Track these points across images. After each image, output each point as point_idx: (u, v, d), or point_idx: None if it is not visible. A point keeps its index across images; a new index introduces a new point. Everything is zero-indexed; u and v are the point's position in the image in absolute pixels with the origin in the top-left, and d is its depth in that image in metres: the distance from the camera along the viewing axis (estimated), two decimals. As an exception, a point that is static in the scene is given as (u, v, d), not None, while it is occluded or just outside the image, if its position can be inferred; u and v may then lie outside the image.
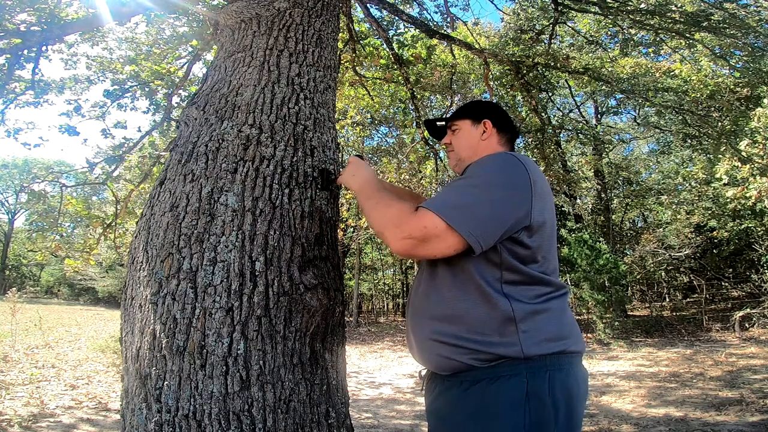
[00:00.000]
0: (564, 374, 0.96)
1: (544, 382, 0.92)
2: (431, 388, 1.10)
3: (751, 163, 6.52)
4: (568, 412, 0.94)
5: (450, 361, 0.98)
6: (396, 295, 21.88)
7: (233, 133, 1.27)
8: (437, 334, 1.01)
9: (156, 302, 1.07)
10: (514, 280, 1.00)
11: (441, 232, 0.96)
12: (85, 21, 3.39)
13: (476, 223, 0.96)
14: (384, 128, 12.02)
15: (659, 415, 3.94)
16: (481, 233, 0.96)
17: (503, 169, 1.03)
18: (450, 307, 1.01)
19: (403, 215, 1.01)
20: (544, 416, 0.91)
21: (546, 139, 6.39)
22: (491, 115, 1.25)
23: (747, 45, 4.76)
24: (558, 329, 0.99)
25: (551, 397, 0.92)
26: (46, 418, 3.77)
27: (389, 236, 1.00)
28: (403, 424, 4.13)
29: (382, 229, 1.03)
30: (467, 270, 1.00)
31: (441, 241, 0.97)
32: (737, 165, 6.98)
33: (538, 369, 0.93)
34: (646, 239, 12.26)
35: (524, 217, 0.99)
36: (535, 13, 6.66)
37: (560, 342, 0.98)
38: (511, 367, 0.93)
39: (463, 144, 1.26)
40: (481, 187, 1.00)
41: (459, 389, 0.97)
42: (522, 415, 0.90)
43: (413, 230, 0.97)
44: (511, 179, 1.01)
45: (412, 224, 0.98)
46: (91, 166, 5.19)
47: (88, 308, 22.35)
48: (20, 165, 33.73)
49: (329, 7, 1.77)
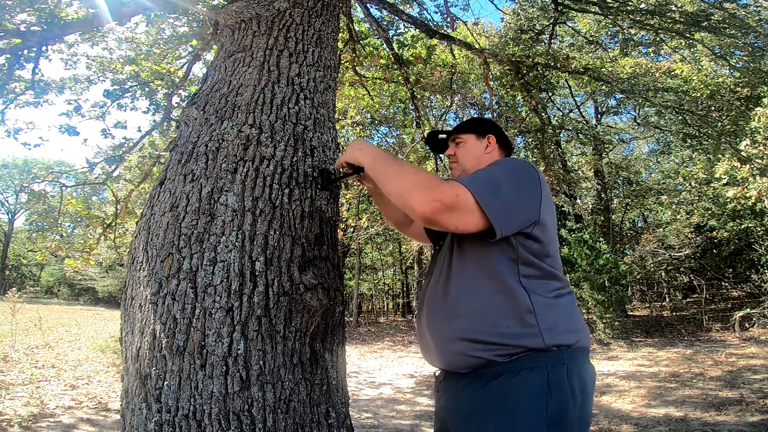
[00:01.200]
0: (579, 366, 1.00)
1: (563, 373, 0.96)
2: (446, 387, 1.10)
3: (751, 163, 6.51)
4: (582, 403, 0.97)
5: (472, 358, 1.00)
6: (396, 295, 21.87)
7: (233, 133, 1.27)
8: (458, 332, 1.02)
9: (156, 302, 1.07)
10: (531, 275, 1.03)
11: (470, 206, 0.97)
12: (85, 21, 3.39)
13: (502, 208, 0.99)
14: (384, 128, 12.02)
15: (659, 415, 3.94)
16: (504, 219, 0.99)
17: (521, 167, 1.09)
18: (471, 305, 1.03)
19: (434, 180, 1.01)
20: (565, 405, 0.94)
21: (546, 139, 6.38)
22: (495, 131, 1.34)
23: (747, 45, 4.76)
24: (572, 323, 1.04)
25: (570, 387, 0.95)
26: (46, 418, 3.77)
27: (416, 197, 0.98)
28: (403, 424, 4.13)
29: (407, 190, 1.01)
30: (488, 266, 1.03)
31: (466, 215, 0.98)
32: (737, 165, 6.98)
33: (557, 361, 0.97)
34: (646, 239, 12.27)
35: (536, 212, 1.04)
36: (535, 13, 6.66)
37: (575, 335, 1.02)
38: (532, 360, 0.96)
39: (468, 156, 1.32)
40: (504, 178, 1.04)
41: (478, 384, 0.99)
42: (545, 405, 0.93)
43: (444, 195, 0.97)
44: (527, 176, 1.07)
45: (443, 189, 0.98)
46: (91, 166, 5.19)
47: (88, 308, 22.35)
48: (20, 165, 33.72)
49: (329, 7, 1.77)
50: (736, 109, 6.86)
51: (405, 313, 19.12)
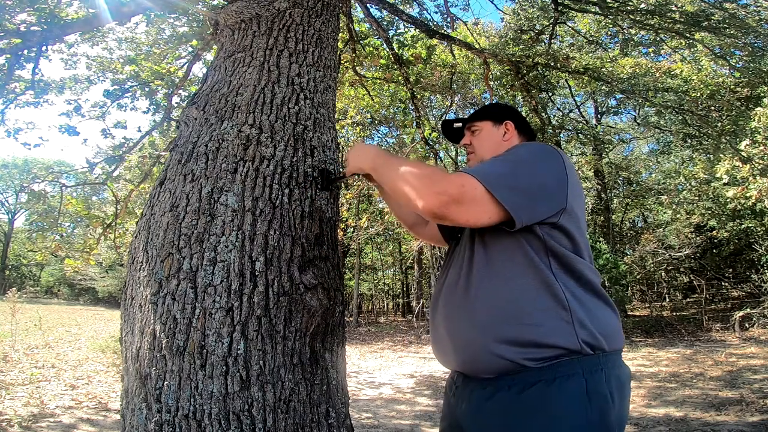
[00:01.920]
0: (617, 370, 0.93)
1: (601, 378, 0.89)
2: (465, 395, 1.01)
3: (751, 163, 6.51)
4: (620, 405, 0.91)
5: (499, 360, 0.91)
6: (396, 295, 21.88)
7: (233, 133, 1.27)
8: (483, 331, 0.94)
9: (156, 302, 1.07)
10: (562, 268, 0.95)
11: (479, 196, 0.90)
12: (85, 21, 3.39)
13: (518, 193, 0.92)
14: (384, 128, 12.01)
15: (659, 415, 3.94)
16: (523, 206, 0.92)
17: (541, 149, 1.01)
18: (497, 300, 0.94)
19: (438, 172, 0.95)
20: (606, 412, 0.87)
21: (546, 139, 6.38)
22: (513, 117, 1.24)
23: (747, 45, 4.76)
24: (607, 323, 0.95)
25: (609, 392, 0.89)
26: (46, 418, 3.77)
27: (421, 192, 0.92)
28: (403, 424, 4.12)
29: (412, 186, 0.94)
30: (514, 259, 0.95)
31: (477, 205, 0.90)
32: (737, 165, 6.98)
33: (594, 366, 0.89)
34: (646, 239, 12.26)
35: (562, 199, 0.96)
36: (535, 13, 6.66)
37: (611, 336, 0.94)
38: (567, 367, 0.88)
39: (485, 144, 1.23)
40: (520, 162, 0.97)
41: (509, 393, 0.90)
42: (585, 415, 0.86)
43: (449, 186, 0.90)
44: (549, 159, 0.99)
45: (448, 180, 0.91)
46: (91, 166, 5.19)
47: (88, 308, 22.36)
48: (20, 165, 33.73)
49: (329, 7, 1.77)
50: (736, 109, 6.86)
51: (405, 313, 19.12)
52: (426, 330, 12.95)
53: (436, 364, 7.72)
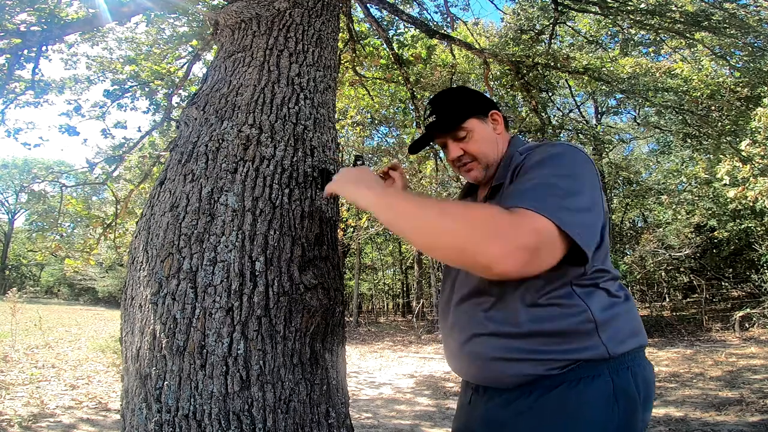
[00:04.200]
0: (642, 369, 0.89)
1: (628, 378, 0.84)
2: (481, 401, 0.96)
3: (751, 163, 6.52)
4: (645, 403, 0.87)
5: (518, 377, 0.86)
6: (396, 295, 21.89)
7: (233, 133, 1.27)
8: (501, 350, 0.87)
9: (156, 302, 1.07)
10: (586, 277, 0.87)
11: (555, 237, 0.74)
12: (85, 21, 3.39)
13: (585, 225, 0.78)
14: (384, 128, 12.00)
15: (659, 415, 3.94)
16: (591, 238, 0.80)
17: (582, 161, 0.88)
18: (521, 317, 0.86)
19: (497, 219, 0.74)
20: (633, 411, 0.84)
21: (546, 139, 6.38)
22: (491, 103, 1.09)
23: (747, 45, 4.76)
24: (633, 325, 0.92)
25: (636, 391, 0.85)
26: (46, 418, 3.77)
27: (492, 252, 0.71)
28: (403, 424, 4.12)
29: (471, 242, 0.73)
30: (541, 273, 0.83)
31: (553, 250, 0.75)
32: (738, 165, 6.98)
33: (620, 366, 0.84)
34: (646, 239, 12.26)
35: (605, 212, 0.88)
36: (535, 13, 6.66)
37: (637, 338, 0.91)
38: (593, 368, 0.83)
39: (481, 147, 1.05)
40: (573, 182, 0.83)
41: (527, 399, 0.85)
42: (612, 416, 0.81)
43: (524, 237, 0.72)
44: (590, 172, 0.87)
45: (517, 229, 0.73)
46: (91, 166, 5.19)
47: (88, 308, 22.36)
48: (20, 165, 33.76)
49: (329, 7, 1.77)
50: (736, 109, 6.86)
51: (405, 313, 19.13)
52: (426, 330, 12.95)
53: (436, 364, 7.72)
